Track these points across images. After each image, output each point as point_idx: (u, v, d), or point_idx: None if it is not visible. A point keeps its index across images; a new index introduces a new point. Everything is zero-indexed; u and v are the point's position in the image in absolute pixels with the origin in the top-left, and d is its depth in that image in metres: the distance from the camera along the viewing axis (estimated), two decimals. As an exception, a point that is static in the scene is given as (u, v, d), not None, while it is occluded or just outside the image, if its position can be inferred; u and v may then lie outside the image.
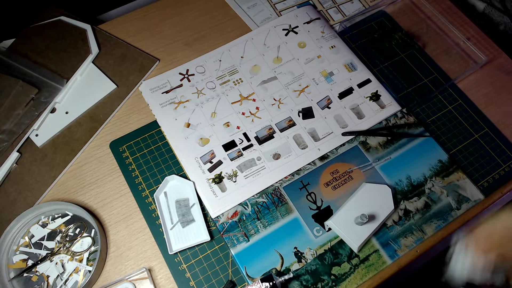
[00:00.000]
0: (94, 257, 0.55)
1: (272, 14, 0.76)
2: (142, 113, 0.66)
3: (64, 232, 0.56)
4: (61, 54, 0.68)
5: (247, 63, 0.69)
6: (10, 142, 0.60)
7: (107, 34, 0.71)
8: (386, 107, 0.66)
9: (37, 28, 0.70)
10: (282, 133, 0.63)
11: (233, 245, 0.55)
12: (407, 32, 0.74)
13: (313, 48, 0.71)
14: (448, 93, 0.68)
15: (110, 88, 0.66)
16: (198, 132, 0.63)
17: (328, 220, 0.56)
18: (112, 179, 0.61)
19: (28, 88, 0.63)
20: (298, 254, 0.55)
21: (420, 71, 0.70)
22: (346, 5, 0.78)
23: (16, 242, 0.55)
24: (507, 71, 0.71)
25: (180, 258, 0.55)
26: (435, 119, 0.66)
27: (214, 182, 0.59)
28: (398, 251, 0.55)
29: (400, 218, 0.57)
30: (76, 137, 0.63)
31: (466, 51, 0.72)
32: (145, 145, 0.63)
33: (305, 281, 0.53)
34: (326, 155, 0.62)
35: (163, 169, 0.61)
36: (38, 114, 0.62)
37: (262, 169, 0.60)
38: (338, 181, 0.60)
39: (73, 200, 0.59)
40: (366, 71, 0.69)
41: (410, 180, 0.60)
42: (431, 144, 0.63)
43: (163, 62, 0.70)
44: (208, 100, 0.66)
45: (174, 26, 0.74)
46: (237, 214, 0.57)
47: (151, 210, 0.58)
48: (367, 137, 0.63)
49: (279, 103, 0.66)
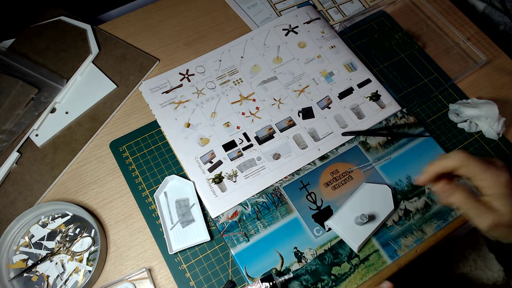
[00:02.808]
0: (94, 257, 0.55)
1: (272, 14, 0.76)
2: (142, 113, 0.66)
3: (64, 232, 0.56)
4: (61, 54, 0.68)
5: (247, 63, 0.69)
6: (10, 142, 0.60)
7: (107, 34, 0.71)
8: (386, 107, 0.66)
9: (37, 28, 0.70)
10: (282, 133, 0.63)
11: (233, 245, 0.55)
12: (407, 32, 0.74)
13: (313, 48, 0.71)
14: (448, 93, 0.68)
15: (110, 88, 0.66)
16: (198, 132, 0.63)
17: (328, 220, 0.56)
18: (112, 179, 0.61)
19: (28, 88, 0.63)
20: (298, 254, 0.55)
21: (420, 71, 0.70)
22: (346, 5, 0.78)
23: (16, 242, 0.55)
24: (507, 71, 0.71)
25: (180, 258, 0.55)
26: (435, 119, 0.66)
27: (214, 182, 0.59)
28: (398, 251, 0.55)
29: (400, 218, 0.57)
30: (76, 137, 0.63)
31: (466, 51, 0.72)
32: (145, 145, 0.63)
33: (305, 281, 0.53)
34: (326, 155, 0.62)
35: (163, 169, 0.61)
36: (38, 114, 0.62)
37: (262, 169, 0.60)
38: (338, 181, 0.60)
39: (73, 200, 0.59)
40: (366, 71, 0.69)
41: (410, 180, 0.60)
42: (431, 144, 0.63)
43: (163, 62, 0.70)
44: (208, 100, 0.66)
45: (174, 26, 0.74)
46: (237, 214, 0.57)
47: (151, 210, 0.58)
48: (367, 137, 0.63)
49: (279, 103, 0.66)
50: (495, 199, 0.44)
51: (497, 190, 0.43)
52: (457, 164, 0.44)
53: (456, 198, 0.44)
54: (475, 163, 0.44)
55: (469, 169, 0.44)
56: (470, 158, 0.44)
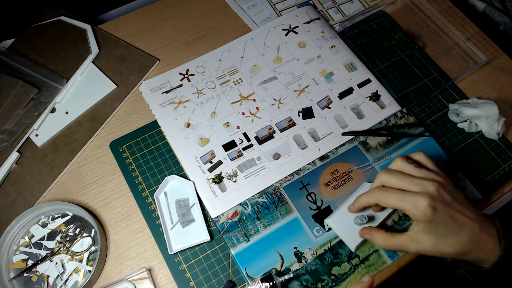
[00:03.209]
0: (94, 257, 0.55)
1: (272, 14, 0.76)
2: (142, 113, 0.66)
3: (64, 232, 0.56)
4: (61, 54, 0.68)
5: (247, 63, 0.69)
6: (10, 142, 0.60)
7: (107, 34, 0.71)
8: (386, 107, 0.66)
9: (37, 28, 0.70)
10: (282, 133, 0.63)
11: (233, 245, 0.55)
12: (407, 32, 0.74)
13: (313, 48, 0.71)
14: (448, 93, 0.68)
15: (110, 88, 0.66)
16: (198, 132, 0.63)
17: (327, 218, 0.56)
18: (112, 179, 0.61)
19: (28, 88, 0.63)
20: (298, 254, 0.55)
21: (420, 71, 0.70)
22: (346, 5, 0.78)
23: (16, 242, 0.55)
24: (507, 71, 0.71)
25: (180, 258, 0.55)
26: (435, 119, 0.66)
27: (214, 182, 0.59)
28: (398, 251, 0.55)
29: (400, 218, 0.57)
30: (76, 137, 0.63)
31: (466, 51, 0.72)
32: (145, 145, 0.63)
33: (305, 281, 0.53)
34: (326, 155, 0.62)
35: (163, 169, 0.61)
36: (38, 114, 0.62)
37: (262, 169, 0.60)
38: (338, 181, 0.60)
39: (73, 200, 0.59)
40: (366, 71, 0.69)
41: (410, 180, 0.60)
42: (431, 144, 0.63)
43: (163, 62, 0.70)
44: (208, 100, 0.66)
45: (174, 26, 0.74)
46: (237, 214, 0.57)
47: (151, 210, 0.58)
48: (367, 137, 0.63)
49: (279, 103, 0.66)
50: (415, 233, 0.46)
51: (418, 217, 0.45)
52: (375, 201, 0.48)
53: (376, 242, 0.50)
54: (390, 196, 0.46)
55: (387, 202, 0.46)
56: (385, 193, 0.46)
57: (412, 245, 0.46)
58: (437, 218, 0.44)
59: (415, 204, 0.44)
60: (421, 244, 0.46)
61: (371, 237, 0.50)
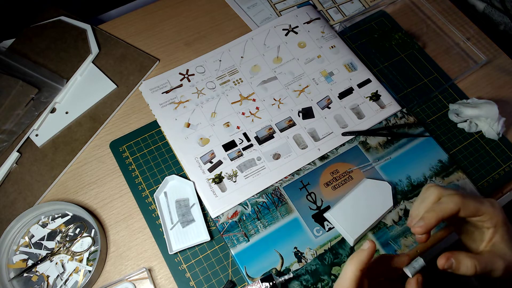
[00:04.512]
0: (94, 257, 0.55)
1: (272, 14, 0.76)
2: (142, 113, 0.66)
3: (64, 232, 0.56)
4: (61, 54, 0.68)
5: (247, 63, 0.69)
6: (10, 142, 0.60)
7: (107, 34, 0.71)
8: (386, 107, 0.66)
9: (37, 28, 0.70)
10: (282, 133, 0.63)
11: (233, 245, 0.55)
12: (407, 32, 0.74)
13: (313, 48, 0.71)
14: (448, 93, 0.68)
15: (110, 88, 0.66)
16: (198, 132, 0.63)
17: (326, 212, 0.57)
18: (112, 179, 0.61)
19: (28, 88, 0.63)
20: (298, 254, 0.55)
21: (420, 71, 0.70)
22: (346, 5, 0.78)
23: (16, 242, 0.55)
24: (507, 71, 0.71)
25: (180, 258, 0.55)
26: (435, 119, 0.66)
27: (214, 182, 0.59)
28: (398, 251, 0.55)
29: (400, 218, 0.57)
30: (76, 137, 0.63)
31: (466, 51, 0.72)
32: (145, 145, 0.63)
33: (305, 281, 0.53)
34: (326, 155, 0.62)
35: (163, 169, 0.61)
36: (38, 114, 0.62)
37: (262, 169, 0.60)
38: (338, 181, 0.60)
39: (73, 200, 0.59)
40: (366, 71, 0.69)
41: (410, 180, 0.60)
42: (431, 144, 0.63)
43: (163, 62, 0.70)
44: (208, 100, 0.66)
45: (174, 26, 0.74)
46: (237, 214, 0.57)
47: (151, 210, 0.58)
48: (367, 137, 0.63)
49: (279, 103, 0.66)
50: (494, 246, 0.42)
51: (498, 219, 0.41)
52: (457, 208, 0.42)
53: (465, 267, 0.42)
54: (471, 201, 0.42)
55: (469, 208, 0.42)
56: (466, 198, 0.42)
57: (498, 261, 0.41)
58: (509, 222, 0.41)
59: (492, 203, 0.41)
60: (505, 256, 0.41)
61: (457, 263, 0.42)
